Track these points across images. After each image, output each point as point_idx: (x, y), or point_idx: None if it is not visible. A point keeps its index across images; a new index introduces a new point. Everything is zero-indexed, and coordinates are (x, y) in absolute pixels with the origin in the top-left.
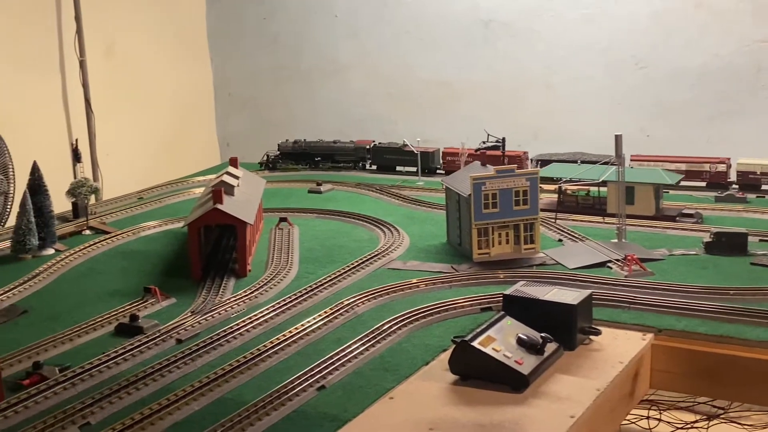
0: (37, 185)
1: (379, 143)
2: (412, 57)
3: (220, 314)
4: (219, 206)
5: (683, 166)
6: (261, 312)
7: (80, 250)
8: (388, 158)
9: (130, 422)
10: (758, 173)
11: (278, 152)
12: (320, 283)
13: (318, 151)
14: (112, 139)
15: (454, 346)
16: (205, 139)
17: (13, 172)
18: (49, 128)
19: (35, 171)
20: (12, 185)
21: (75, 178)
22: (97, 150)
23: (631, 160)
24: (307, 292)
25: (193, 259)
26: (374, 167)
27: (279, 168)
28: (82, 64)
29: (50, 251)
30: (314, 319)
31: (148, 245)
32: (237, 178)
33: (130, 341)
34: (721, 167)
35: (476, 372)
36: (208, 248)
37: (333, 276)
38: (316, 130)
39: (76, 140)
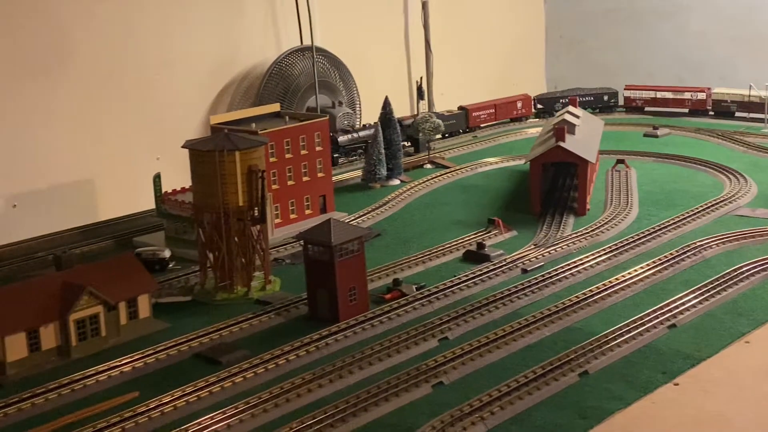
0: (387, 119)
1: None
2: None
3: (562, 249)
4: (561, 144)
5: None
6: (603, 249)
7: (423, 182)
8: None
9: (485, 340)
10: None
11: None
12: (663, 226)
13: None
14: (446, 79)
15: None
16: (534, 81)
17: (360, 106)
18: (391, 66)
19: (386, 105)
20: (358, 119)
21: (417, 114)
22: (434, 89)
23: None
24: (649, 234)
25: (533, 195)
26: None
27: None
28: (425, 6)
29: (396, 182)
30: (659, 260)
31: (485, 180)
32: (578, 117)
33: (479, 267)
34: None
35: None
36: (546, 186)
37: (676, 219)
38: (647, 74)
39: (421, 78)
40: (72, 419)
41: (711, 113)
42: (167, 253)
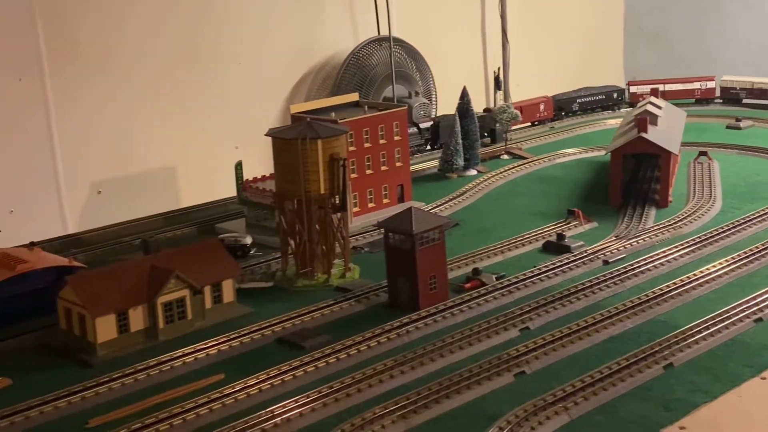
0: (465, 109)
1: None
2: None
3: (644, 240)
4: (644, 135)
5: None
6: (687, 242)
7: (501, 173)
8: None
9: (567, 331)
10: None
11: None
12: (747, 219)
13: None
14: (522, 70)
15: None
16: (611, 73)
17: (436, 97)
18: (467, 56)
19: (464, 95)
20: (434, 110)
21: (494, 105)
22: (510, 79)
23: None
24: (734, 227)
25: (613, 186)
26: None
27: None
28: None
29: (473, 172)
30: (744, 253)
31: (564, 171)
32: (660, 108)
33: (559, 258)
34: None
35: None
36: (626, 177)
37: (760, 212)
38: (728, 66)
39: (498, 68)
40: (160, 399)
41: (719, 101)
42: (249, 240)
